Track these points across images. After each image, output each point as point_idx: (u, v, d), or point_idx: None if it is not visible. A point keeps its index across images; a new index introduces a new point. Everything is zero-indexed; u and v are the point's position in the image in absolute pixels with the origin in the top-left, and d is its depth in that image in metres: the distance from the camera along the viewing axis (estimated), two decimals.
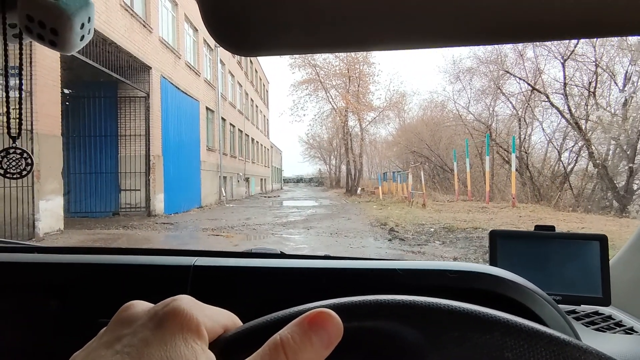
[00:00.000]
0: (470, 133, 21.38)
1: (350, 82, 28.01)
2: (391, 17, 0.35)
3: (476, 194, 17.61)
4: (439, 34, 0.39)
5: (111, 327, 0.26)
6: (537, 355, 0.26)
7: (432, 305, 0.29)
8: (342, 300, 0.30)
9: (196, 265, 0.62)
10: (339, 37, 0.40)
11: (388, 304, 0.30)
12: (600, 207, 14.23)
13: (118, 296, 0.24)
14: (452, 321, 0.28)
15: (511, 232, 0.75)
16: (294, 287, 0.58)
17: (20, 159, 0.56)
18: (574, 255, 0.73)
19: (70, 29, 0.51)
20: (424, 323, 0.29)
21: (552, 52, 17.40)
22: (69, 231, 8.12)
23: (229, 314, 0.31)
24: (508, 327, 0.27)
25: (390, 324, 0.29)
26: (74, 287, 0.62)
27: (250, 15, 0.36)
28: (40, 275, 0.64)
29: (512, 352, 0.26)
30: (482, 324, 0.28)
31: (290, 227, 9.37)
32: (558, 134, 18.30)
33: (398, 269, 0.55)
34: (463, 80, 23.12)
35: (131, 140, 11.67)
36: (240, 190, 24.48)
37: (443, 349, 0.28)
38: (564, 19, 0.35)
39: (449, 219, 9.96)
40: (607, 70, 15.98)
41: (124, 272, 0.63)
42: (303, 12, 0.36)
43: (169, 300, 0.27)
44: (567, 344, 0.26)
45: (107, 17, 9.29)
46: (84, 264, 0.65)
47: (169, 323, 0.25)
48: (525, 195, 16.54)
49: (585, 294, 0.72)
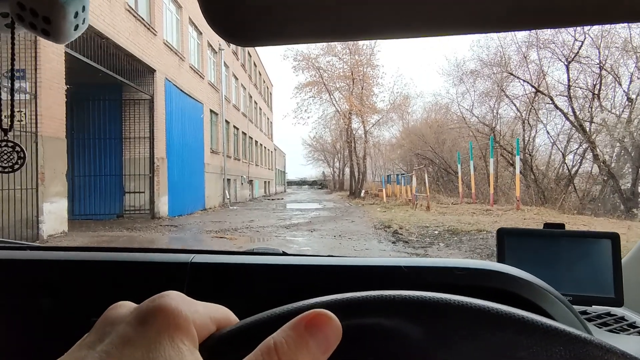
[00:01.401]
0: (474, 135, 21.31)
1: (354, 84, 28.01)
2: (394, 3, 0.34)
3: (480, 197, 17.52)
4: (443, 21, 0.37)
5: (96, 328, 0.25)
6: (555, 354, 0.24)
7: (440, 300, 0.27)
8: (345, 296, 0.28)
9: (193, 263, 0.61)
10: (340, 26, 0.39)
11: (393, 299, 0.28)
12: (606, 209, 14.13)
13: (113, 294, 0.22)
14: (461, 318, 0.26)
15: (519, 230, 0.73)
16: (294, 284, 0.56)
17: (12, 152, 0.55)
18: (585, 254, 0.70)
19: (63, 18, 0.50)
20: (430, 320, 0.27)
21: (556, 54, 17.36)
22: (73, 233, 8.14)
23: (224, 310, 0.28)
24: (522, 325, 0.25)
25: (395, 320, 0.27)
26: (68, 285, 0.61)
27: (250, 4, 0.35)
28: (34, 273, 0.63)
29: (526, 350, 0.25)
30: (494, 320, 0.25)
31: (294, 230, 9.35)
32: (562, 136, 18.25)
33: (403, 266, 0.53)
34: (467, 83, 23.05)
35: (135, 142, 11.71)
36: (244, 192, 24.50)
37: (451, 347, 0.26)
38: (569, 4, 0.33)
39: (453, 221, 9.91)
40: (612, 72, 15.89)
41: (119, 270, 0.62)
42: (303, 0, 0.34)
43: (156, 296, 0.25)
44: (588, 342, 0.24)
45: (111, 20, 9.33)
46: (78, 262, 0.63)
47: (154, 320, 0.23)
48: (530, 197, 16.45)
49: (597, 294, 0.69)
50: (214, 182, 17.74)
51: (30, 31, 0.51)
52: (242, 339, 0.26)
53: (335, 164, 52.05)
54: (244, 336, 0.26)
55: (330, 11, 0.36)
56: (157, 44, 12.07)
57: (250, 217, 12.70)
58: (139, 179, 11.67)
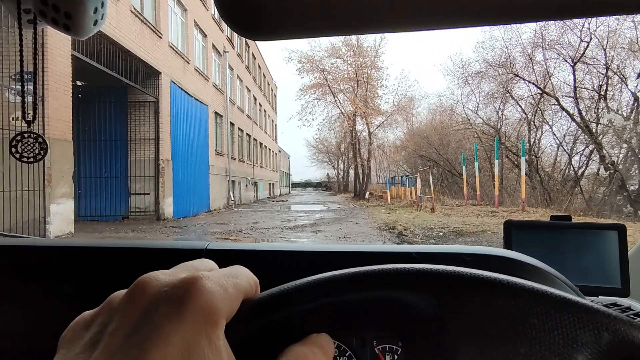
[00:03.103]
0: (479, 137, 21.25)
1: (358, 86, 28.02)
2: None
3: (485, 198, 17.46)
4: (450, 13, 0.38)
5: (121, 310, 0.23)
6: (565, 321, 0.26)
7: (455, 273, 0.28)
8: (361, 269, 0.30)
9: (209, 249, 0.62)
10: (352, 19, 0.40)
11: (408, 272, 0.29)
12: (612, 210, 14.03)
13: (131, 279, 0.23)
14: (474, 288, 0.27)
15: (527, 222, 0.74)
16: (306, 268, 0.58)
17: (34, 143, 0.56)
18: (591, 245, 0.71)
19: (83, 13, 0.52)
20: (443, 290, 0.28)
21: (561, 55, 17.29)
22: (79, 234, 8.20)
23: (244, 275, 0.28)
24: (535, 294, 0.27)
25: (413, 293, 0.28)
26: (88, 270, 0.63)
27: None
28: (55, 258, 0.64)
29: (538, 318, 0.26)
30: (507, 290, 0.27)
31: (299, 231, 9.36)
32: (568, 137, 18.13)
33: (413, 253, 0.55)
34: (472, 84, 23.00)
35: (141, 144, 11.79)
36: (249, 194, 24.55)
37: (463, 314, 0.27)
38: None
39: (457, 223, 9.88)
40: (618, 73, 15.80)
41: (137, 255, 0.64)
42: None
43: (189, 280, 0.23)
44: (595, 311, 0.26)
45: (117, 23, 9.41)
46: (97, 247, 0.65)
47: (190, 315, 0.22)
48: (535, 199, 16.36)
49: (603, 284, 0.70)
50: (219, 183, 17.80)
51: (52, 26, 0.52)
52: (268, 307, 0.27)
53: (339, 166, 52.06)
54: (269, 305, 0.28)
55: (343, 4, 0.37)
56: (162, 47, 12.15)
57: (254, 218, 12.73)
58: (144, 181, 11.74)
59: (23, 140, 0.56)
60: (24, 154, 0.56)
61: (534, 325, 0.26)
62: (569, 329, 0.25)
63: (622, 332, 0.25)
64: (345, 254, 0.59)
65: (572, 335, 0.25)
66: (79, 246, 0.65)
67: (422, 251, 0.55)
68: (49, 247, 0.66)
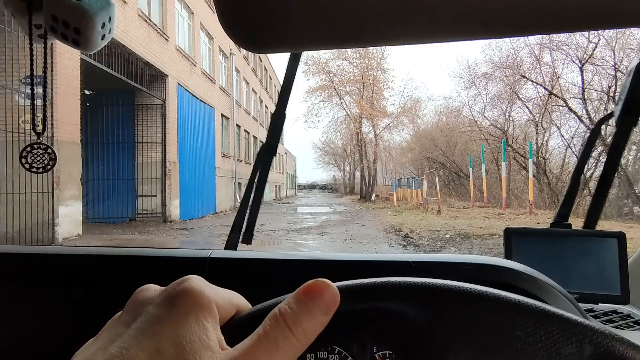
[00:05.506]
0: (486, 139, 21.11)
1: (364, 88, 28.00)
2: (406, 10, 0.35)
3: (492, 201, 17.34)
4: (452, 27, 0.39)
5: (128, 308, 0.28)
6: (548, 334, 0.26)
7: (444, 286, 0.29)
8: (354, 282, 0.31)
9: (212, 257, 0.64)
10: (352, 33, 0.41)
11: (400, 285, 0.30)
12: (621, 213, 13.88)
13: (135, 286, 0.25)
14: (460, 300, 0.29)
15: (527, 230, 0.75)
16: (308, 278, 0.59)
17: (44, 154, 0.58)
18: (592, 252, 0.72)
19: (92, 28, 0.53)
20: (435, 303, 0.29)
21: (569, 56, 17.14)
22: (87, 236, 8.26)
23: (241, 297, 0.32)
24: (519, 307, 0.27)
25: (400, 304, 0.29)
26: (93, 278, 0.64)
27: (265, 12, 0.37)
28: (62, 266, 0.66)
29: (522, 330, 0.27)
30: (493, 303, 0.28)
31: (305, 233, 9.37)
32: (577, 139, 17.95)
33: (411, 262, 0.56)
34: (478, 86, 22.85)
35: (148, 147, 11.87)
36: None
37: (451, 325, 0.28)
38: (573, 9, 0.34)
39: (464, 225, 9.83)
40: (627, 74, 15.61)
41: (141, 264, 0.65)
42: (317, 8, 0.36)
43: (181, 280, 0.28)
44: (578, 324, 0.26)
45: (125, 26, 9.49)
46: (103, 256, 0.66)
47: (181, 301, 0.26)
48: (543, 201, 16.22)
49: (603, 292, 0.70)
50: (225, 185, 17.86)
51: (61, 41, 0.54)
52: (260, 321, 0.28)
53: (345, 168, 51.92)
54: (262, 318, 0.29)
55: (343, 19, 0.37)
56: (169, 50, 12.24)
57: (261, 220, 12.73)
58: (151, 183, 11.81)
59: (33, 151, 0.58)
60: (33, 164, 0.58)
61: (519, 338, 0.27)
62: (552, 342, 0.26)
63: (604, 344, 0.25)
64: (345, 263, 0.60)
65: (556, 347, 0.26)
66: (82, 254, 0.67)
67: (420, 260, 0.56)
68: (59, 255, 0.67)
